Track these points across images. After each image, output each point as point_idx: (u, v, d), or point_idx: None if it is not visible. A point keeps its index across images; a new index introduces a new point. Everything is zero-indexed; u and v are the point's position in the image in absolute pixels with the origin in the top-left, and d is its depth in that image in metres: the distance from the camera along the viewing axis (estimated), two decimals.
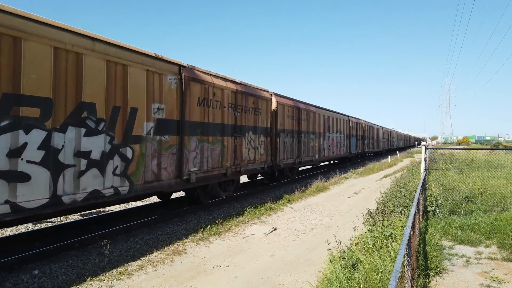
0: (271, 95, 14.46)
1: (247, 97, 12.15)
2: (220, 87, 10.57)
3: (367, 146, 34.77)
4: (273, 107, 14.43)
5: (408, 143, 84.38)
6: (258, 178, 16.18)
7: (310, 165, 21.11)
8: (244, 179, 15.25)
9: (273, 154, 14.31)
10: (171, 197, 11.36)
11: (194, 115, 9.45)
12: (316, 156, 19.81)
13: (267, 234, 8.21)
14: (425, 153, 11.08)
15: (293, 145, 16.39)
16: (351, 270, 4.96)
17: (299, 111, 17.24)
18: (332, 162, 27.64)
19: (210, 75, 10.32)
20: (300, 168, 19.53)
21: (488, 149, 24.00)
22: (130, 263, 6.21)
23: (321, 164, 25.36)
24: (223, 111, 10.75)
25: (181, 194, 12.06)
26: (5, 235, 7.74)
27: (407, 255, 3.27)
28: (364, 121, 33.52)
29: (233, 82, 11.60)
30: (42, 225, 8.67)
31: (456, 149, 13.05)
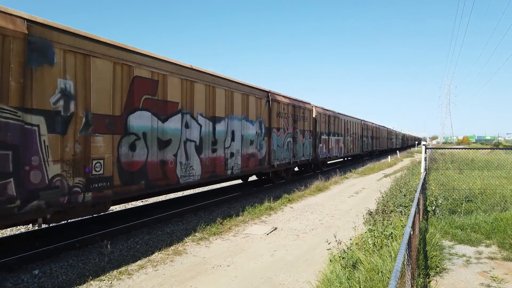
0: (312, 106, 19.37)
1: (299, 109, 17.12)
2: (286, 103, 15.49)
3: (375, 145, 39.71)
4: (313, 115, 19.30)
5: (408, 143, 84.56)
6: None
7: (334, 160, 26.08)
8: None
9: (314, 150, 19.18)
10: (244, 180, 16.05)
11: (275, 123, 14.40)
12: (339, 152, 24.53)
13: (267, 234, 8.21)
14: (425, 152, 11.07)
15: (325, 144, 21.07)
16: (351, 269, 4.96)
17: (329, 117, 22.06)
18: (346, 158, 31.47)
19: (281, 95, 15.28)
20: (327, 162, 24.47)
21: (488, 148, 24.02)
22: (130, 263, 6.22)
23: (340, 160, 29.68)
24: (288, 119, 15.73)
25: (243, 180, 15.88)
26: (5, 235, 7.74)
27: (407, 254, 3.26)
28: (372, 123, 37.79)
29: (292, 99, 16.54)
30: (42, 225, 8.64)
31: (456, 148, 13.04)
